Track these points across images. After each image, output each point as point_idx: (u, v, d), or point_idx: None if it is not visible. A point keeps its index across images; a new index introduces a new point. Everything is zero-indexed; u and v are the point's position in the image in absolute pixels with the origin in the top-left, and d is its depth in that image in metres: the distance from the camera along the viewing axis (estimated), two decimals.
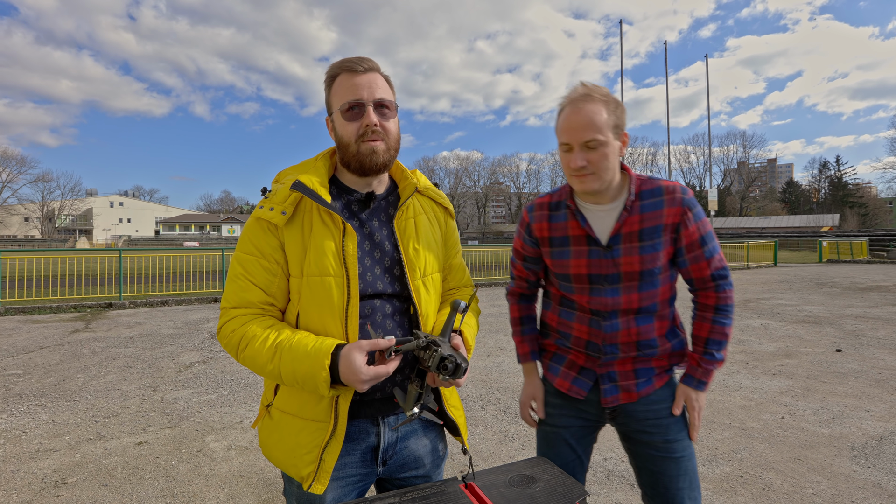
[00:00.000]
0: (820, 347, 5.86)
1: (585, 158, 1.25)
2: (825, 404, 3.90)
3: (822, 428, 3.42)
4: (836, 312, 8.42)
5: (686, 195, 1.31)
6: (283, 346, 1.00)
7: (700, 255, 1.33)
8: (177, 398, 4.20)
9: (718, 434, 3.34)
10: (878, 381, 4.47)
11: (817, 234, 43.19)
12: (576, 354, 1.41)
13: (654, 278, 1.32)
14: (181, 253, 13.79)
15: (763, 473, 2.77)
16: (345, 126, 1.10)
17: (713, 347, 1.34)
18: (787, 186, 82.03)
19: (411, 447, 1.18)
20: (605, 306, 1.34)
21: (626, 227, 1.31)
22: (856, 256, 26.85)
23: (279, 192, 1.10)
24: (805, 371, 4.86)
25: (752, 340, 6.30)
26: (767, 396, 4.11)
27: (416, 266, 1.16)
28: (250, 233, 1.10)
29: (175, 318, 8.58)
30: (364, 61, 1.11)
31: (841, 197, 70.17)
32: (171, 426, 3.58)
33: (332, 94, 1.12)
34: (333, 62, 1.15)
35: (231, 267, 1.11)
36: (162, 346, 6.29)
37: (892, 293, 11.08)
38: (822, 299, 10.17)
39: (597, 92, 1.26)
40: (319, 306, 1.06)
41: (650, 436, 1.35)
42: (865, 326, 7.11)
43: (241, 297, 1.08)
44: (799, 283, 13.57)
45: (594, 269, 1.34)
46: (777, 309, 8.92)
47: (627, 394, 1.36)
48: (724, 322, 1.34)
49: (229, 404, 4.05)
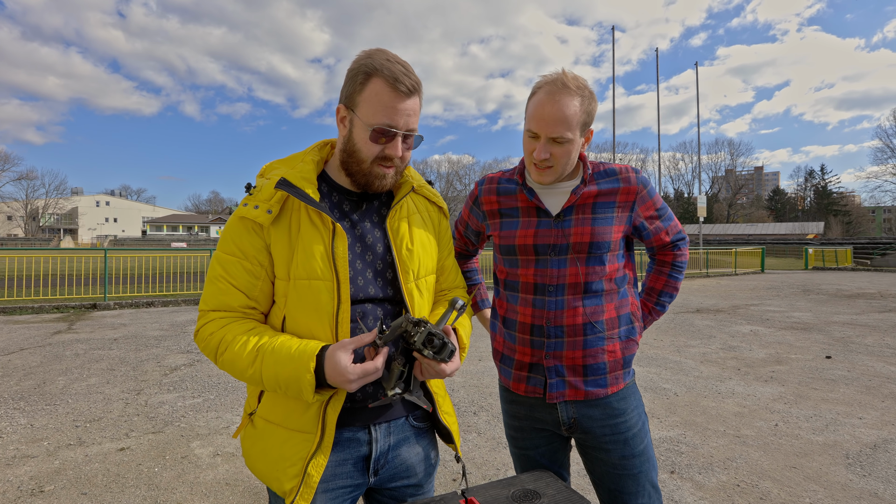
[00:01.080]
0: (810, 354, 5.89)
1: (549, 151, 1.25)
2: (818, 411, 3.90)
3: (816, 435, 3.41)
4: (824, 319, 8.50)
5: (639, 174, 1.37)
6: (265, 349, 0.95)
7: (659, 227, 1.41)
8: (161, 402, 4.09)
9: (713, 441, 3.31)
10: (868, 389, 4.49)
11: (803, 241, 43.91)
12: (522, 350, 1.36)
13: (602, 253, 1.31)
14: (168, 253, 13.59)
15: (760, 482, 2.75)
16: (367, 144, 1.02)
17: (665, 299, 1.46)
18: (773, 194, 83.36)
19: (403, 455, 1.12)
20: (550, 278, 1.31)
21: (580, 199, 1.33)
22: (840, 264, 27.30)
23: (264, 189, 1.03)
24: (796, 377, 4.87)
25: (742, 347, 6.33)
26: (760, 403, 4.10)
27: (409, 268, 1.11)
28: (233, 232, 1.03)
29: (161, 319, 8.40)
30: (409, 76, 1.01)
31: (826, 205, 71.47)
32: (155, 431, 3.47)
33: (363, 99, 1.01)
34: (372, 52, 1.03)
35: (211, 267, 1.05)
36: (147, 348, 6.14)
37: (877, 300, 11.25)
38: (810, 306, 10.28)
39: (575, 83, 1.24)
40: (307, 311, 1.00)
41: (608, 453, 1.32)
42: (853, 333, 7.18)
43: (220, 300, 1.02)
44: (786, 290, 13.73)
45: (541, 238, 1.32)
46: (766, 315, 8.98)
47: (574, 390, 1.31)
48: (677, 277, 1.46)
49: (216, 409, 3.95)
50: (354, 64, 1.03)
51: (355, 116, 1.03)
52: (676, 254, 1.45)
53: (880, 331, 7.37)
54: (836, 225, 65.81)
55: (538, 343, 1.34)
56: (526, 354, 1.36)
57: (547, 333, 1.32)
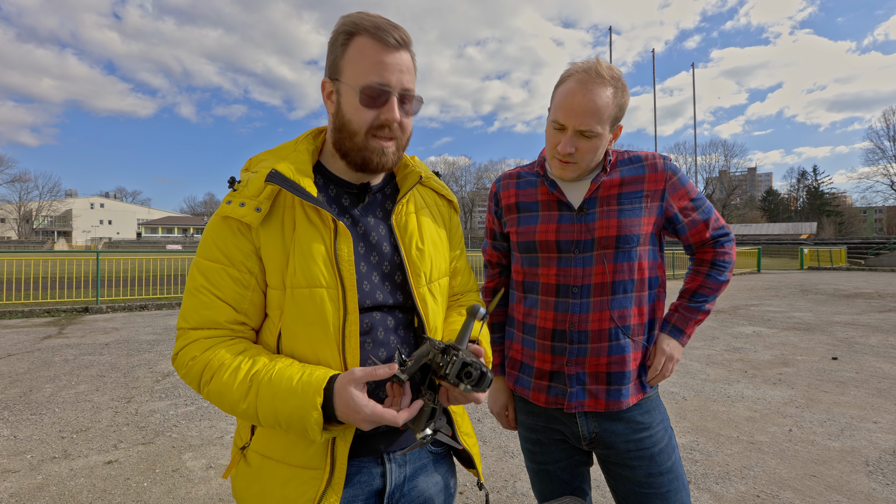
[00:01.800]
0: (815, 355, 5.81)
1: (575, 145, 1.16)
2: (831, 415, 3.80)
3: (833, 441, 3.31)
4: (825, 319, 8.44)
5: (667, 161, 1.26)
6: (261, 380, 0.80)
7: (697, 219, 1.26)
8: (153, 410, 3.93)
9: (727, 448, 3.20)
10: (879, 391, 4.40)
11: (796, 241, 44.13)
12: (541, 357, 1.25)
13: (631, 248, 1.20)
14: (163, 255, 13.36)
15: (780, 492, 2.63)
16: (358, 110, 0.88)
17: (699, 298, 1.28)
18: (766, 195, 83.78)
19: (421, 486, 0.98)
20: (574, 278, 1.21)
21: (604, 189, 1.22)
22: (835, 263, 27.40)
23: (251, 184, 0.88)
24: (805, 380, 4.78)
25: (747, 348, 6.23)
26: (771, 407, 4.00)
27: (420, 270, 0.97)
28: (215, 235, 0.88)
29: (154, 323, 8.22)
30: (397, 30, 0.88)
31: (818, 206, 71.90)
32: (145, 442, 3.31)
33: (347, 60, 0.88)
34: (350, 14, 0.90)
35: (190, 277, 0.89)
36: (139, 353, 5.96)
37: (875, 300, 11.22)
38: (810, 306, 10.23)
39: (609, 73, 1.14)
40: (308, 325, 0.85)
41: (633, 470, 1.21)
42: (856, 334, 7.11)
43: (203, 316, 0.87)
44: (784, 290, 13.69)
45: (564, 234, 1.22)
46: (767, 316, 8.91)
47: (594, 400, 1.21)
48: (717, 277, 1.27)
49: (209, 417, 3.80)
50: (334, 30, 0.90)
51: (341, 84, 0.89)
52: (718, 251, 1.28)
53: (883, 331, 7.30)
54: (828, 225, 66.26)
55: (560, 349, 1.24)
56: (546, 362, 1.26)
57: (570, 339, 1.22)
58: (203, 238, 0.91)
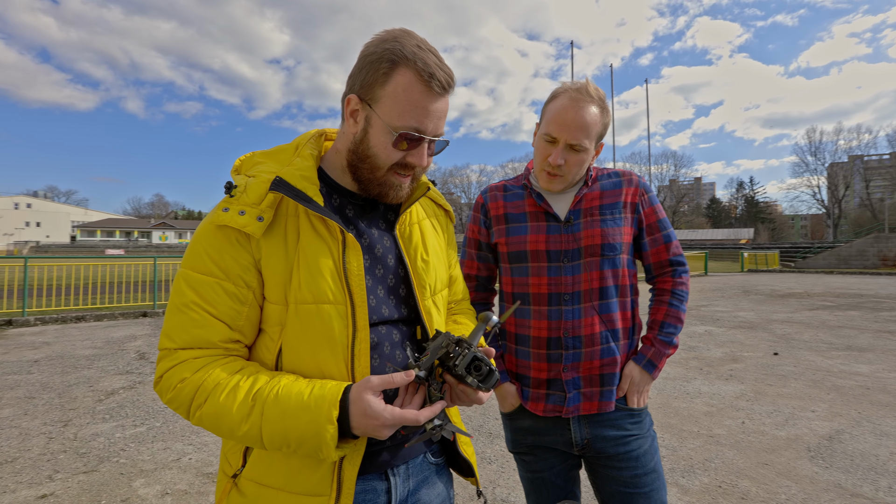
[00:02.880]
0: (759, 351, 6.20)
1: (565, 158, 1.23)
2: (777, 407, 4.06)
3: (779, 430, 3.53)
4: (765, 318, 9.05)
5: (641, 179, 1.36)
6: (265, 397, 0.74)
7: (659, 238, 1.35)
8: (95, 434, 3.61)
9: (690, 443, 3.34)
10: (814, 382, 4.75)
11: (737, 245, 47.28)
12: (538, 367, 1.29)
13: (615, 255, 1.28)
14: (103, 261, 12.43)
15: (738, 482, 2.77)
16: (387, 149, 0.85)
17: (669, 330, 1.33)
18: (710, 203, 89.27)
19: (424, 500, 0.95)
20: (565, 286, 1.27)
21: (586, 202, 1.31)
22: (770, 266, 29.52)
23: (252, 189, 0.82)
24: (752, 375, 5.08)
25: (701, 346, 6.56)
26: (726, 402, 4.22)
27: (425, 283, 0.95)
28: (208, 245, 0.81)
29: (94, 336, 7.62)
30: (444, 69, 0.84)
31: (754, 213, 77.45)
32: (87, 470, 3.03)
33: (387, 94, 0.83)
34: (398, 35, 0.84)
35: (177, 292, 0.81)
36: (76, 370, 5.50)
37: (805, 299, 12.16)
38: (752, 306, 10.94)
39: (597, 94, 1.24)
40: (314, 342, 0.80)
41: (619, 471, 1.27)
42: (792, 330, 7.66)
43: (194, 335, 0.79)
44: (729, 291, 14.58)
45: (553, 244, 1.29)
46: (716, 315, 9.45)
47: (588, 402, 1.27)
48: (679, 307, 1.35)
49: (163, 438, 3.54)
50: (375, 47, 0.84)
51: (374, 114, 0.84)
52: (676, 281, 1.36)
53: (813, 327, 7.92)
54: (763, 231, 71.49)
55: (555, 356, 1.28)
56: (543, 370, 1.29)
57: (564, 345, 1.27)
58: (192, 248, 0.83)
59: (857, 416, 3.82)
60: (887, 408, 3.99)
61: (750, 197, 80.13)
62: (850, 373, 5.09)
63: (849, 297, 12.41)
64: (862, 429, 3.54)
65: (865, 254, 27.88)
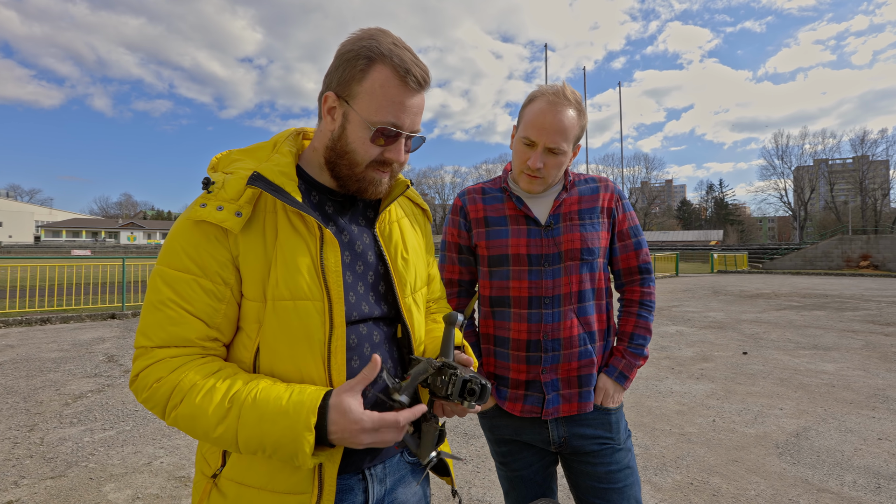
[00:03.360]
0: (729, 351, 6.40)
1: (544, 161, 1.25)
2: (746, 405, 4.20)
3: (749, 428, 3.65)
4: (735, 318, 9.35)
5: (617, 186, 1.41)
6: (242, 401, 0.74)
7: (630, 245, 1.38)
8: (62, 438, 3.49)
9: (662, 441, 3.43)
10: (781, 381, 4.94)
11: (707, 247, 48.66)
12: (517, 368, 1.32)
13: (593, 259, 1.31)
14: (69, 262, 11.97)
15: (709, 479, 2.86)
16: (365, 144, 0.86)
17: (639, 341, 1.36)
18: (681, 205, 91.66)
19: (401, 499, 0.96)
20: (545, 290, 1.29)
21: (565, 206, 1.33)
22: (739, 267, 30.53)
23: (229, 185, 0.82)
24: (722, 374, 5.25)
25: (672, 346, 6.74)
26: (696, 400, 4.35)
27: (405, 280, 0.96)
28: (185, 241, 0.80)
29: (60, 338, 7.34)
30: (420, 66, 0.86)
31: (724, 215, 79.86)
32: (55, 476, 2.93)
33: (364, 90, 0.84)
34: (374, 33, 0.86)
35: (153, 289, 0.81)
36: (42, 373, 5.29)
37: (773, 299, 12.62)
38: (721, 306, 11.29)
39: (574, 96, 1.26)
40: (292, 340, 0.81)
41: (594, 467, 1.31)
42: (760, 330, 7.94)
43: (170, 333, 0.79)
44: (699, 292, 15.01)
45: (534, 248, 1.30)
46: (687, 315, 9.71)
47: (567, 404, 1.29)
48: (647, 317, 1.38)
49: (133, 442, 3.44)
50: (352, 45, 0.85)
51: (351, 110, 0.85)
52: (644, 290, 1.39)
53: (780, 327, 8.22)
54: (732, 233, 73.77)
55: (535, 359, 1.30)
56: (522, 372, 1.31)
57: (544, 348, 1.29)
58: (168, 244, 0.82)
59: (822, 413, 3.98)
60: (851, 405, 4.17)
61: (719, 199, 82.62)
62: (815, 371, 5.30)
63: (814, 298, 12.94)
64: (828, 425, 3.69)
65: (830, 255, 29.11)
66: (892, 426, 3.67)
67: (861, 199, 60.94)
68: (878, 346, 6.55)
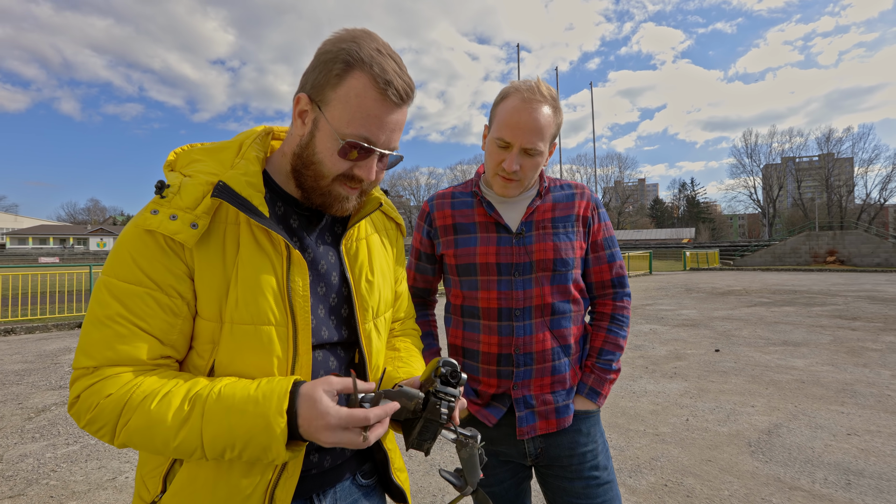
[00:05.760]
0: (701, 349, 6.55)
1: (520, 163, 1.18)
2: (718, 403, 4.30)
3: (721, 427, 3.73)
4: (707, 315, 9.58)
5: (594, 194, 1.35)
6: (205, 398, 0.69)
7: (603, 257, 1.32)
8: (23, 455, 3.33)
9: (637, 442, 3.47)
10: (753, 378, 5.07)
11: (679, 245, 49.92)
12: (487, 382, 1.26)
13: (567, 270, 1.25)
14: (35, 270, 11.48)
15: (683, 479, 2.91)
16: (333, 157, 0.79)
17: (608, 357, 1.29)
18: (654, 203, 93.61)
19: None
20: (516, 301, 1.23)
21: (538, 214, 1.27)
22: (711, 265, 31.34)
23: (187, 191, 0.74)
24: (695, 372, 5.36)
25: (646, 345, 6.86)
26: (670, 399, 4.43)
27: (368, 305, 0.91)
28: (135, 251, 0.72)
29: (24, 349, 7.03)
30: (403, 77, 0.79)
31: (696, 213, 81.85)
32: (14, 495, 2.79)
33: (338, 97, 0.77)
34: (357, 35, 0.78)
35: (99, 302, 0.72)
36: (4, 386, 5.05)
37: (744, 296, 12.99)
38: (694, 304, 11.55)
39: (549, 92, 1.19)
40: (250, 365, 0.76)
41: (571, 482, 1.26)
42: (732, 327, 8.16)
43: (119, 352, 0.71)
44: (672, 290, 15.34)
45: (504, 257, 1.24)
46: (660, 314, 9.90)
47: (545, 421, 1.24)
48: (618, 332, 1.31)
49: (98, 457, 3.31)
50: (331, 45, 0.78)
51: (322, 117, 0.78)
52: (617, 304, 1.33)
53: (751, 323, 8.46)
54: (704, 230, 75.74)
55: (506, 373, 1.25)
56: (492, 386, 1.26)
57: (515, 362, 1.23)
58: (116, 253, 0.74)
59: (793, 409, 4.08)
60: (821, 400, 4.30)
61: (691, 197, 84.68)
62: (786, 367, 5.46)
63: (784, 294, 13.37)
64: (798, 422, 3.79)
65: (798, 251, 30.18)
66: (860, 421, 3.79)
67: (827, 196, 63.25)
68: (845, 341, 6.80)
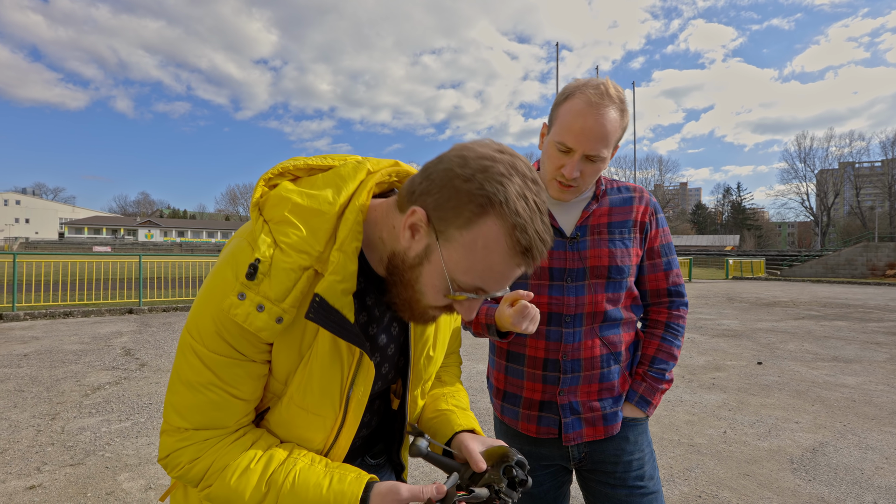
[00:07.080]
0: (743, 360, 6.29)
1: (581, 170, 1.12)
2: (759, 417, 4.13)
3: (762, 441, 3.59)
4: (750, 326, 9.17)
5: (653, 198, 1.28)
6: (280, 485, 0.71)
7: (659, 264, 1.27)
8: (82, 428, 3.60)
9: (670, 451, 3.40)
10: (798, 393, 4.84)
11: (722, 252, 47.83)
12: (531, 387, 1.23)
13: (623, 278, 1.20)
14: (90, 258, 12.29)
15: (718, 492, 2.83)
16: (436, 294, 0.72)
17: (661, 366, 1.24)
18: (696, 208, 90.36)
19: None
20: (567, 307, 1.19)
21: (594, 218, 1.22)
22: (755, 274, 29.91)
23: (277, 278, 0.68)
24: (735, 384, 5.16)
25: (683, 354, 6.64)
26: (707, 410, 4.29)
27: (422, 377, 0.90)
28: (222, 328, 0.70)
29: (81, 331, 7.55)
30: (545, 240, 0.68)
31: (741, 220, 78.43)
32: (74, 463, 3.03)
33: (463, 240, 0.66)
34: (502, 171, 0.65)
35: (190, 368, 0.72)
36: (64, 364, 5.45)
37: (791, 308, 12.34)
38: (736, 314, 11.08)
39: (617, 94, 1.11)
40: (296, 427, 0.80)
41: (614, 489, 1.22)
42: (776, 339, 7.78)
43: (212, 418, 0.73)
44: (713, 299, 14.75)
45: (557, 262, 1.20)
46: (699, 323, 9.56)
47: (592, 428, 1.21)
48: (672, 342, 1.26)
49: (147, 433, 3.53)
50: (470, 172, 0.65)
51: (438, 251, 0.68)
52: (672, 313, 1.27)
53: (798, 337, 8.04)
54: (749, 238, 72.43)
55: (552, 379, 1.21)
56: (537, 392, 1.23)
57: (563, 368, 1.20)
58: (203, 322, 0.71)
59: (842, 428, 3.87)
60: (873, 420, 4.05)
61: (736, 203, 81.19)
62: (835, 384, 5.17)
63: (836, 307, 12.61)
64: (847, 442, 3.59)
65: (854, 263, 28.31)
66: None
67: (889, 205, 59.20)
68: None
